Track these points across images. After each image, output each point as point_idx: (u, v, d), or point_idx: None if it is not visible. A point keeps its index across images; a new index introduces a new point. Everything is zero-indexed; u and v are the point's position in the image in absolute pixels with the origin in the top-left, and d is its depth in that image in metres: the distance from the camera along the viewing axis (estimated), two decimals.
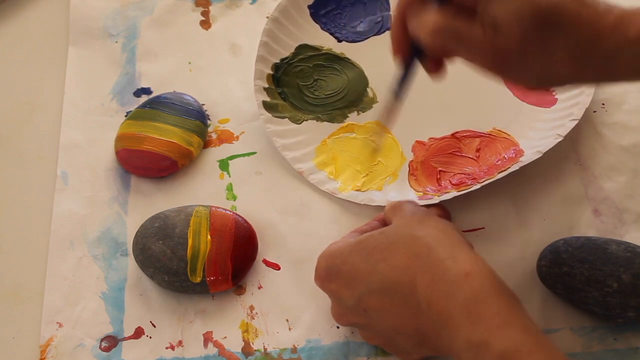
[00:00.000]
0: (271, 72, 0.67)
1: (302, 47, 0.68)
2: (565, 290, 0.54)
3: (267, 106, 0.65)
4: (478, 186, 0.59)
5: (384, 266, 0.49)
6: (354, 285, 0.50)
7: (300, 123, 0.65)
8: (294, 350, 0.56)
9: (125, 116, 0.67)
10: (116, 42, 0.71)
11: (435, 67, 0.50)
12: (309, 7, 0.70)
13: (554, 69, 0.45)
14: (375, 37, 0.70)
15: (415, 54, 0.49)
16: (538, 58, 0.44)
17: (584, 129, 0.63)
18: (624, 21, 0.43)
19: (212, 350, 0.56)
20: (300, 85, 0.67)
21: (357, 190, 0.62)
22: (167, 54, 0.70)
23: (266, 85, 0.66)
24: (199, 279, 0.56)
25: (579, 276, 0.53)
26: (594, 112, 0.64)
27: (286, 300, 0.58)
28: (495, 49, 0.44)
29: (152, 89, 0.68)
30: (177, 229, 0.57)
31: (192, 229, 0.57)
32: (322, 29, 0.70)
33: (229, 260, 0.57)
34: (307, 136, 0.65)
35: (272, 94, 0.66)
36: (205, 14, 0.73)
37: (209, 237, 0.57)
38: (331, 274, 0.51)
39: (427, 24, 0.45)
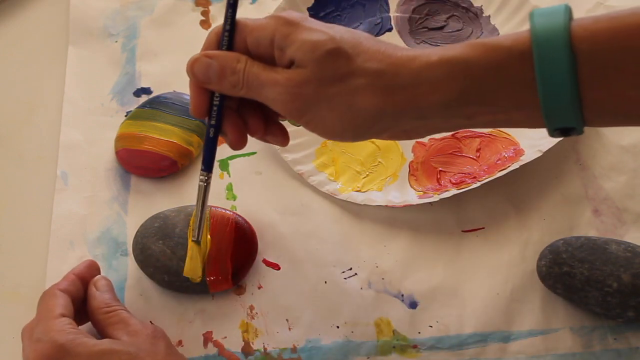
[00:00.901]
0: None
1: None
2: (565, 290, 0.54)
3: None
4: (478, 184, 0.59)
5: None
6: None
7: (300, 125, 0.65)
8: (293, 350, 0.56)
9: (125, 116, 0.67)
10: (116, 42, 0.71)
11: (236, 132, 0.50)
12: (309, 9, 0.70)
13: (355, 101, 0.44)
14: None
15: (217, 115, 0.49)
16: (337, 90, 0.44)
17: (584, 129, 0.63)
18: (425, 52, 0.43)
19: (212, 350, 0.56)
20: None
21: (358, 191, 0.62)
22: (167, 54, 0.71)
23: None
24: (198, 280, 0.56)
25: (579, 276, 0.53)
26: None
27: (286, 300, 0.58)
28: (292, 83, 0.44)
29: (152, 89, 0.69)
30: (177, 229, 0.57)
31: (192, 229, 0.57)
32: None
33: (229, 260, 0.57)
34: (307, 138, 0.65)
35: None
36: (205, 14, 0.73)
37: (208, 237, 0.57)
38: None
39: (229, 69, 0.47)
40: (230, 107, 0.50)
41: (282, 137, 0.52)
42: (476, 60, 0.42)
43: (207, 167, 0.51)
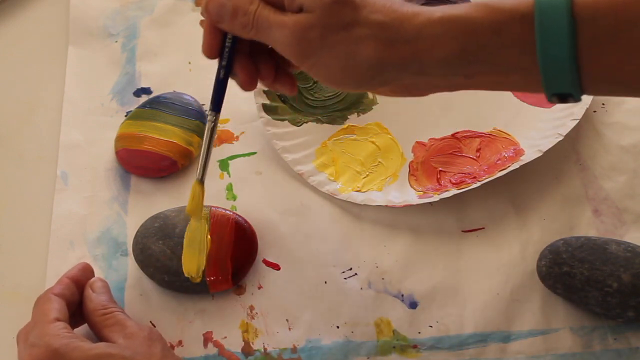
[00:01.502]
0: None
1: None
2: (565, 290, 0.54)
3: (266, 109, 0.65)
4: (478, 184, 0.59)
5: None
6: None
7: (300, 125, 0.65)
8: (293, 350, 0.56)
9: (125, 116, 0.67)
10: (116, 41, 0.71)
11: (247, 73, 0.51)
12: None
13: (358, 51, 0.45)
14: None
15: (228, 56, 0.50)
16: (340, 37, 0.45)
17: (584, 129, 0.63)
18: (429, 9, 0.44)
19: (212, 350, 0.56)
20: (300, 88, 0.67)
21: (358, 191, 0.62)
22: (167, 54, 0.71)
23: (265, 88, 0.66)
24: (198, 279, 0.56)
25: (579, 276, 0.53)
26: (594, 112, 0.64)
27: (286, 300, 0.58)
28: (299, 27, 0.45)
29: (152, 89, 0.69)
30: (177, 229, 0.57)
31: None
32: None
33: (229, 260, 0.57)
34: (307, 138, 0.65)
35: (272, 96, 0.66)
36: None
37: (208, 237, 0.57)
38: None
39: (239, 8, 0.47)
40: (242, 51, 0.50)
41: (291, 86, 0.52)
42: (478, 20, 0.43)
43: (216, 107, 0.52)
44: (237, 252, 0.57)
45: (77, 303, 0.54)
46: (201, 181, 0.54)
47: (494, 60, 0.43)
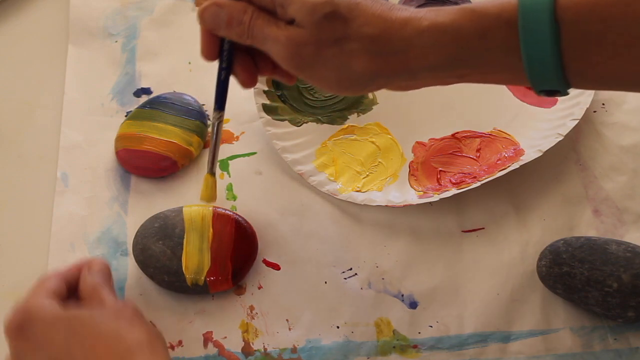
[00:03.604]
0: None
1: None
2: (565, 290, 0.54)
3: (266, 109, 0.65)
4: (478, 184, 0.59)
5: (80, 355, 0.48)
6: (43, 356, 0.49)
7: (300, 125, 0.65)
8: (294, 350, 0.56)
9: (125, 116, 0.67)
10: (116, 42, 0.71)
11: (246, 72, 0.51)
12: None
13: (351, 64, 0.46)
14: None
15: (228, 58, 0.51)
16: (333, 52, 0.46)
17: (584, 129, 0.63)
18: (418, 15, 0.45)
19: (212, 350, 0.56)
20: (300, 88, 0.67)
21: (358, 191, 0.62)
22: (167, 54, 0.71)
23: (265, 88, 0.66)
24: (200, 281, 0.56)
25: (579, 276, 0.53)
26: (594, 112, 0.64)
27: (286, 300, 0.58)
28: (292, 43, 0.46)
29: (152, 89, 0.68)
30: (177, 229, 0.57)
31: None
32: None
33: (229, 260, 0.57)
34: (307, 138, 0.65)
35: (272, 96, 0.66)
36: None
37: (211, 232, 0.57)
38: (24, 333, 0.49)
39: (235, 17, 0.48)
40: (240, 48, 0.51)
41: (289, 76, 0.52)
42: (465, 27, 0.44)
43: (220, 106, 0.53)
44: (237, 252, 0.57)
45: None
46: (212, 173, 0.55)
47: (482, 63, 0.45)
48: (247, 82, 0.52)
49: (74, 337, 0.48)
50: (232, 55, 0.51)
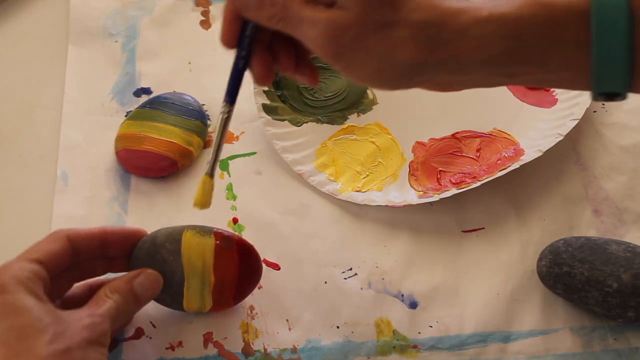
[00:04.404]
0: None
1: None
2: (565, 290, 0.54)
3: (266, 109, 0.65)
4: (478, 184, 0.59)
5: None
6: None
7: (300, 125, 0.65)
8: (294, 350, 0.56)
9: (125, 116, 0.67)
10: (116, 41, 0.71)
11: (263, 66, 0.48)
12: None
13: (396, 53, 0.42)
14: None
15: (248, 46, 0.47)
16: (378, 39, 0.42)
17: (584, 129, 0.63)
18: (475, 5, 0.42)
19: (212, 350, 0.56)
20: (300, 88, 0.67)
21: (358, 191, 0.62)
22: (167, 54, 0.70)
23: (265, 88, 0.66)
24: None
25: (579, 276, 0.53)
26: (594, 112, 0.64)
27: (286, 300, 0.58)
28: (333, 26, 0.42)
29: (152, 89, 0.68)
30: (175, 276, 0.54)
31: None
32: None
33: (232, 294, 0.55)
34: (307, 138, 0.65)
35: (272, 96, 0.66)
36: (205, 14, 0.73)
37: (212, 277, 0.54)
38: None
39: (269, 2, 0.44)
40: (261, 41, 0.47)
41: (311, 77, 0.49)
42: (530, 18, 0.41)
43: (231, 99, 0.49)
44: (241, 284, 0.55)
45: (89, 259, 0.52)
46: (211, 175, 0.51)
47: (543, 59, 0.42)
48: (263, 77, 0.48)
49: None
50: (253, 44, 0.47)
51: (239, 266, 0.55)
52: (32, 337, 0.44)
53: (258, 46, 0.47)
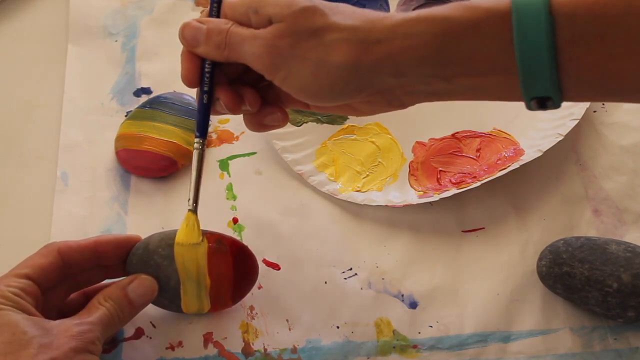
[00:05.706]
0: None
1: None
2: (565, 290, 0.54)
3: None
4: (478, 184, 0.59)
5: None
6: None
7: (300, 125, 0.65)
8: (294, 350, 0.56)
9: (125, 116, 0.67)
10: (116, 41, 0.71)
11: (229, 97, 0.50)
12: None
13: (330, 55, 0.44)
14: None
15: (209, 81, 0.50)
16: (311, 45, 0.44)
17: (584, 129, 0.63)
18: (402, 13, 0.44)
19: (212, 350, 0.56)
20: None
21: (358, 191, 0.62)
22: (167, 54, 0.70)
23: None
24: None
25: (579, 276, 0.53)
26: (594, 112, 0.64)
27: (286, 300, 0.58)
28: (269, 37, 0.45)
29: (152, 89, 0.68)
30: (171, 281, 0.53)
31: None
32: None
33: (229, 294, 0.55)
34: (307, 138, 0.65)
35: None
36: (205, 14, 0.73)
37: (208, 280, 0.54)
38: None
39: (212, 30, 0.48)
40: (220, 81, 0.50)
41: (279, 118, 0.51)
42: (455, 18, 0.42)
43: (202, 133, 0.51)
44: (238, 283, 0.55)
45: (82, 269, 0.52)
46: (194, 212, 0.52)
47: (472, 60, 0.43)
48: (231, 107, 0.50)
49: None
50: (213, 78, 0.50)
51: (233, 267, 0.55)
52: (17, 351, 0.45)
53: (220, 82, 0.50)
